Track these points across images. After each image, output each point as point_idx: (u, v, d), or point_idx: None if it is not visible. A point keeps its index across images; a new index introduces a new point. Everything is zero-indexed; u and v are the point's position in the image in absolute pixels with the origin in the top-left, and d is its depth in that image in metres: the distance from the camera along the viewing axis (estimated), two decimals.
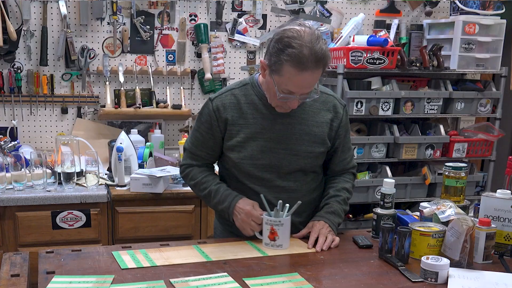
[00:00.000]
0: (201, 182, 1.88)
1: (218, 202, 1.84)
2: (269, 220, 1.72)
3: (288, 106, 1.73)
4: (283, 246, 1.73)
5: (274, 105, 1.76)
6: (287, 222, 1.73)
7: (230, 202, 1.81)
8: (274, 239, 1.72)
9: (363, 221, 3.16)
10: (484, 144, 3.23)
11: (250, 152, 1.81)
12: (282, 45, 1.62)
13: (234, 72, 3.35)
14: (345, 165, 1.95)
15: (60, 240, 2.53)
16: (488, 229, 1.64)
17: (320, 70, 1.65)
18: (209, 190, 1.86)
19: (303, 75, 1.63)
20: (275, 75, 1.67)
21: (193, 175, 1.90)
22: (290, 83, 1.65)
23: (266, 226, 1.73)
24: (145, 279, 1.47)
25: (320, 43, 1.62)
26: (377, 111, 3.00)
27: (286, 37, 1.63)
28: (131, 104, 3.14)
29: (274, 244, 1.73)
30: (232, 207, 1.81)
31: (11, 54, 2.95)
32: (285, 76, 1.64)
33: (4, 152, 2.65)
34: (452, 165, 1.87)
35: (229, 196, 1.83)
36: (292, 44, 1.60)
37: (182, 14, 3.22)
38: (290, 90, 1.67)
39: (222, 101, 1.82)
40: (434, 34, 3.41)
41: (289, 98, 1.69)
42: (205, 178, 1.88)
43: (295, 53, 1.60)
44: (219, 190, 1.85)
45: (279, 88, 1.67)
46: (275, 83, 1.67)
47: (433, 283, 1.50)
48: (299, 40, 1.60)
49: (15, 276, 1.46)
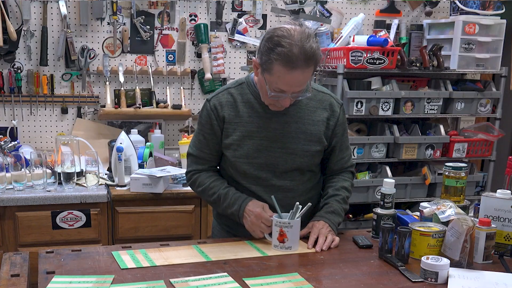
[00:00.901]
0: (209, 188, 1.87)
1: (228, 205, 1.83)
2: (279, 222, 1.71)
3: (280, 105, 1.73)
4: (292, 248, 1.72)
5: (267, 103, 1.77)
6: (296, 224, 1.72)
7: (240, 205, 1.80)
8: (283, 241, 1.71)
9: (363, 221, 3.16)
10: (484, 144, 3.23)
11: (246, 150, 1.81)
12: (272, 44, 1.63)
13: (234, 72, 3.35)
14: (343, 164, 1.94)
15: (60, 240, 2.53)
16: (488, 229, 1.64)
17: (310, 69, 1.66)
18: (218, 194, 1.85)
19: (293, 73, 1.63)
20: (266, 73, 1.67)
21: (200, 181, 1.89)
22: (280, 82, 1.66)
23: (275, 228, 1.72)
24: (145, 279, 1.47)
25: (311, 42, 1.62)
26: (377, 111, 3.00)
27: (276, 36, 1.63)
28: (131, 104, 3.14)
29: (283, 246, 1.72)
30: (242, 209, 1.80)
31: (11, 54, 2.95)
32: (275, 74, 1.65)
33: (4, 152, 2.65)
34: (452, 165, 1.87)
35: (239, 199, 1.82)
36: (282, 43, 1.61)
37: (182, 14, 3.22)
38: (281, 89, 1.67)
39: (219, 100, 1.83)
40: (434, 34, 3.41)
41: (281, 97, 1.70)
42: (213, 183, 1.87)
43: (285, 52, 1.60)
44: (228, 194, 1.84)
45: (270, 87, 1.68)
46: (266, 81, 1.68)
47: (433, 283, 1.50)
48: (288, 39, 1.61)
49: (15, 276, 1.46)
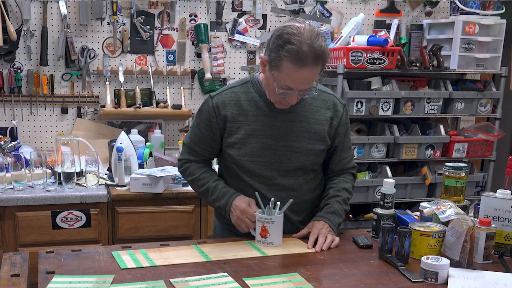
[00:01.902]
0: (199, 178, 1.89)
1: (216, 199, 1.86)
2: (261, 217, 1.75)
3: (287, 102, 1.74)
4: (274, 243, 1.75)
5: (273, 101, 1.77)
6: (278, 220, 1.75)
7: (228, 199, 1.83)
8: (265, 236, 1.75)
9: (363, 221, 3.16)
10: (484, 144, 3.23)
11: (250, 149, 1.81)
12: (282, 41, 1.63)
13: (234, 72, 3.35)
14: (344, 164, 1.95)
15: (60, 240, 2.53)
16: (488, 229, 1.64)
17: (319, 67, 1.66)
18: (207, 186, 1.87)
19: (302, 71, 1.64)
20: (275, 71, 1.68)
21: (191, 170, 1.91)
22: (289, 79, 1.66)
23: (258, 224, 1.76)
24: (145, 279, 1.47)
25: (320, 40, 1.64)
26: (377, 111, 3.00)
27: (286, 34, 1.64)
28: (131, 104, 3.14)
29: (265, 241, 1.75)
30: (229, 204, 1.82)
31: (11, 54, 2.95)
32: (284, 72, 1.65)
33: (4, 152, 2.65)
34: (452, 165, 1.87)
35: (227, 193, 1.84)
36: (292, 41, 1.62)
37: (182, 14, 3.22)
38: (289, 86, 1.68)
39: (222, 99, 1.83)
40: (434, 34, 3.41)
41: (288, 94, 1.71)
42: (203, 174, 1.89)
43: (295, 49, 1.61)
44: (217, 187, 1.86)
45: (278, 84, 1.69)
46: (275, 79, 1.69)
47: (433, 283, 1.50)
48: (298, 37, 1.62)
49: (15, 276, 1.46)
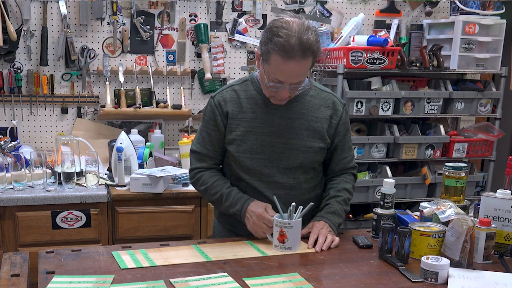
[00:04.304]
0: (212, 187, 1.87)
1: (230, 205, 1.83)
2: (279, 222, 1.71)
3: (280, 97, 1.74)
4: (293, 248, 1.72)
5: (268, 96, 1.78)
6: (297, 225, 1.72)
7: (242, 205, 1.81)
8: (283, 241, 1.71)
9: (363, 221, 3.15)
10: (484, 144, 3.23)
11: (249, 145, 1.82)
12: (271, 34, 1.65)
13: (234, 72, 3.35)
14: (345, 164, 1.94)
15: (60, 240, 2.53)
16: (488, 229, 1.64)
17: (307, 61, 1.67)
18: (221, 193, 1.85)
19: (289, 64, 1.64)
20: (265, 64, 1.70)
21: (203, 180, 1.90)
22: (277, 72, 1.68)
23: (275, 228, 1.72)
24: (145, 279, 1.47)
25: (309, 34, 1.64)
26: (377, 111, 3.00)
27: (275, 27, 1.66)
28: (131, 104, 3.14)
29: (283, 247, 1.71)
30: (244, 210, 1.80)
31: (11, 54, 2.95)
32: (272, 64, 1.67)
33: (4, 152, 2.65)
34: (452, 165, 1.87)
35: (241, 199, 1.82)
36: (279, 33, 1.63)
37: (182, 14, 3.22)
38: (278, 79, 1.69)
39: (223, 96, 1.86)
40: (434, 34, 3.41)
41: (279, 88, 1.71)
42: (216, 182, 1.88)
43: (281, 42, 1.62)
44: (230, 194, 1.84)
45: (268, 77, 1.71)
46: (265, 72, 1.71)
47: (433, 283, 1.50)
48: (286, 30, 1.63)
49: (15, 276, 1.46)
